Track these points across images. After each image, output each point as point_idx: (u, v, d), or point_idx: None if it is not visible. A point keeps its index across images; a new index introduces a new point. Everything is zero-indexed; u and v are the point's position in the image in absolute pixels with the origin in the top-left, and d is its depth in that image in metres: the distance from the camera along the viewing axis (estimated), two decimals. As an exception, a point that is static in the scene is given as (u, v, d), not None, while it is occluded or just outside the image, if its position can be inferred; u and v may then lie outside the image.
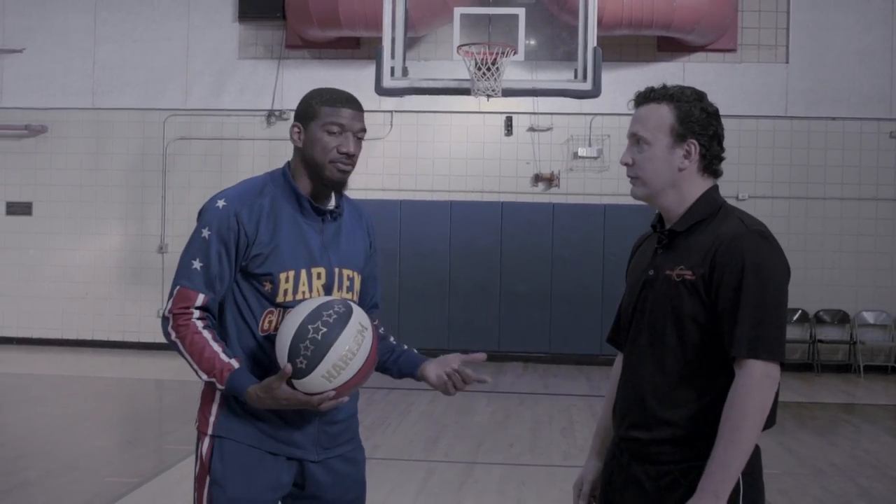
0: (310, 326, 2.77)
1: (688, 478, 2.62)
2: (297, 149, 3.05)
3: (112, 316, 14.71)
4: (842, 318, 13.95)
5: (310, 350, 2.75)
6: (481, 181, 14.40)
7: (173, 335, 2.91)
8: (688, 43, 13.83)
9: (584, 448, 8.46)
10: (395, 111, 14.25)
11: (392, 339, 3.44)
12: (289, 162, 3.11)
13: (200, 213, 3.02)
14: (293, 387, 2.80)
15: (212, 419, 3.00)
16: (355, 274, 3.17)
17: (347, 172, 3.01)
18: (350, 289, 3.13)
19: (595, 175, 14.22)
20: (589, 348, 13.68)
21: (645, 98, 2.80)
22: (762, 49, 14.19)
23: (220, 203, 2.98)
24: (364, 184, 14.28)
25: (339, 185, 3.05)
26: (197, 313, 2.91)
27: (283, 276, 2.95)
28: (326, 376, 2.77)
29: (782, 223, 13.64)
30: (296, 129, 3.04)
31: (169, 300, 2.95)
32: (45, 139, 14.92)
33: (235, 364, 2.88)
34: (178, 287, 2.95)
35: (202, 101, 14.67)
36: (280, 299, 2.96)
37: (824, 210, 14.07)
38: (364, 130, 3.05)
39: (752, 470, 2.65)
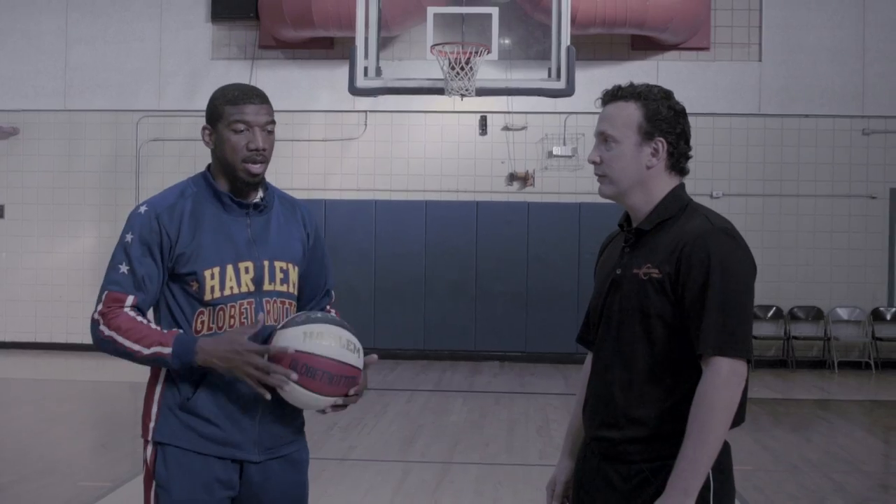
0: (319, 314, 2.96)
1: (658, 476, 2.61)
2: (211, 150, 3.08)
3: (86, 319, 14.42)
4: (816, 315, 14.03)
5: (310, 316, 2.90)
6: (456, 181, 14.39)
7: (106, 331, 2.90)
8: (661, 41, 13.88)
9: (560, 447, 8.43)
10: (370, 111, 14.23)
11: None
12: (207, 168, 3.13)
13: (126, 221, 3.05)
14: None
15: (151, 425, 2.98)
16: (290, 265, 3.13)
17: (260, 171, 3.03)
18: (284, 280, 3.10)
19: (570, 174, 14.24)
20: (565, 347, 13.67)
21: (612, 96, 2.80)
22: (735, 47, 14.25)
23: (143, 209, 3.01)
24: (339, 184, 14.27)
25: (255, 183, 3.05)
26: (129, 310, 2.91)
27: (207, 273, 2.94)
28: (307, 332, 2.80)
29: (756, 221, 13.71)
30: (206, 132, 3.08)
31: (98, 304, 2.95)
32: (16, 141, 14.81)
33: (178, 330, 2.88)
34: (105, 292, 2.94)
35: (175, 103, 14.60)
36: (208, 297, 2.93)
37: (798, 207, 14.14)
38: (272, 122, 3.08)
39: (722, 467, 2.65)
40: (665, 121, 2.73)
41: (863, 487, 7.38)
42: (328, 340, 2.85)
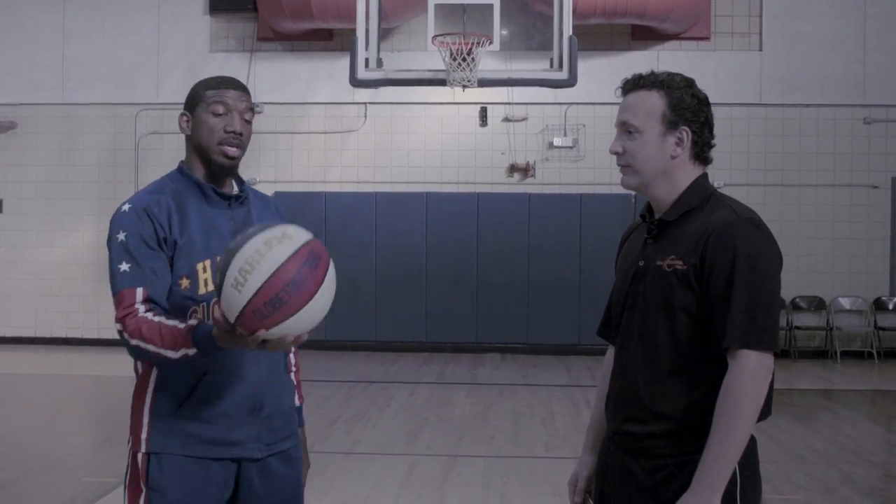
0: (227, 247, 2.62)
1: (683, 471, 2.57)
2: (187, 138, 3.02)
3: (86, 313, 14.57)
4: (818, 305, 14.01)
5: (221, 263, 2.57)
6: (457, 172, 14.35)
7: (132, 341, 2.76)
8: (662, 31, 13.83)
9: (565, 438, 8.44)
10: (370, 103, 14.18)
11: (293, 376, 3.27)
12: (182, 160, 3.07)
13: (110, 225, 2.93)
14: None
15: (143, 435, 2.88)
16: None
17: (237, 154, 2.96)
18: None
19: (571, 165, 14.19)
20: (567, 338, 13.67)
21: (634, 85, 2.74)
22: (735, 37, 14.21)
23: (126, 207, 2.91)
24: (339, 176, 14.22)
25: (231, 167, 2.99)
26: (142, 308, 2.79)
27: (199, 266, 2.88)
28: (234, 284, 2.48)
29: (758, 211, 13.24)
30: (184, 118, 3.02)
31: (115, 310, 2.84)
32: (14, 135, 14.74)
33: (193, 321, 2.76)
34: (115, 294, 2.84)
35: (174, 95, 14.48)
36: (202, 291, 2.87)
37: (799, 197, 14.11)
38: (251, 111, 3.05)
39: (749, 462, 2.62)
40: (689, 109, 2.69)
41: (871, 477, 7.35)
42: (254, 274, 2.48)
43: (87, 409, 10.50)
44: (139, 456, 2.88)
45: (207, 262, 2.89)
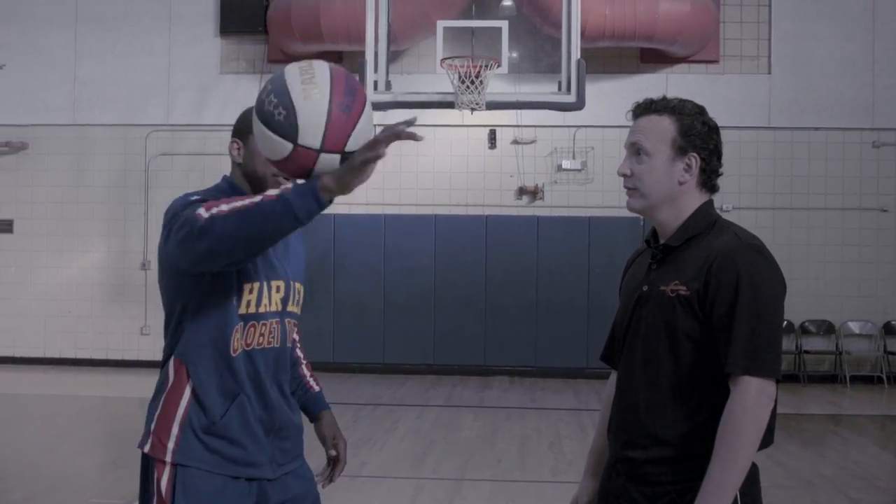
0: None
1: (684, 498, 2.56)
2: (236, 164, 2.99)
3: (94, 334, 14.59)
4: (827, 329, 13.96)
5: (268, 100, 2.47)
6: (465, 195, 14.36)
7: (205, 213, 2.52)
8: (670, 54, 13.85)
9: (572, 462, 8.41)
10: (379, 125, 14.13)
11: (304, 368, 3.38)
12: (227, 178, 3.02)
13: (173, 206, 2.77)
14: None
15: (171, 444, 2.82)
16: (301, 287, 3.09)
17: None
18: (298, 303, 3.06)
19: (579, 187, 14.20)
20: (576, 361, 13.64)
21: (646, 109, 2.75)
22: (744, 60, 14.22)
23: (194, 196, 2.81)
24: (348, 198, 14.11)
25: None
26: None
27: (247, 287, 2.84)
28: (305, 95, 2.44)
29: (767, 234, 13.63)
30: (235, 146, 2.98)
31: (185, 222, 2.59)
32: (25, 156, 14.81)
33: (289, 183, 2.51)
34: (183, 220, 2.60)
35: (184, 117, 14.60)
36: (242, 311, 2.84)
37: (808, 220, 14.09)
38: None
39: (750, 489, 2.60)
40: (699, 136, 2.70)
41: (879, 504, 7.32)
42: (306, 72, 2.46)
43: (94, 431, 10.50)
44: (162, 465, 2.82)
45: (255, 285, 2.86)
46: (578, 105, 10.40)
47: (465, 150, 14.38)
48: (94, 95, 14.70)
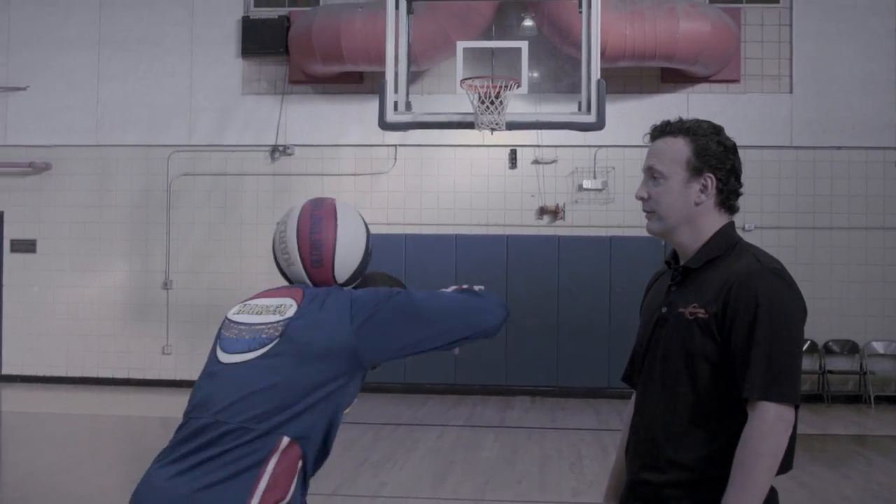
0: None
1: (701, 523, 2.55)
2: None
3: (117, 353, 14.64)
4: (851, 349, 13.85)
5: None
6: (486, 214, 14.36)
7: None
8: (691, 74, 13.83)
9: (593, 483, 8.36)
10: (399, 145, 14.24)
11: None
12: None
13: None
14: None
15: None
16: None
17: None
18: None
19: (600, 207, 14.17)
20: (597, 381, 13.57)
21: (661, 131, 2.75)
22: (766, 79, 14.18)
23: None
24: (369, 218, 14.02)
25: None
26: None
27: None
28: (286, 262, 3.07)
29: (789, 253, 13.57)
30: None
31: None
32: (49, 176, 14.91)
33: None
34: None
35: (206, 137, 14.67)
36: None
37: (831, 240, 14.00)
38: None
39: (770, 515, 2.58)
40: (714, 156, 2.69)
41: (904, 526, 7.23)
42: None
43: (116, 450, 10.52)
44: None
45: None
46: (599, 125, 10.38)
47: (486, 169, 14.38)
48: (116, 116, 14.80)
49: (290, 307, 2.87)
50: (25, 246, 14.94)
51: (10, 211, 14.97)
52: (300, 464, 2.73)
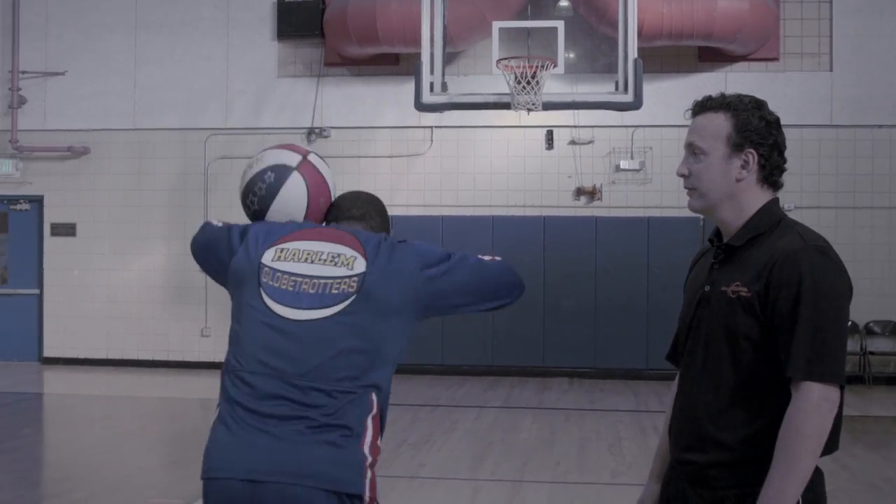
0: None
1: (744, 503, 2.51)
2: None
3: (156, 335, 14.76)
4: (893, 329, 13.70)
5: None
6: (523, 195, 14.31)
7: None
8: (729, 52, 13.68)
9: (632, 465, 8.34)
10: (436, 127, 14.21)
11: None
12: None
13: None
14: None
15: (368, 481, 2.75)
16: None
17: None
18: None
19: (638, 188, 14.08)
20: (635, 362, 13.52)
21: (702, 107, 2.71)
22: (805, 58, 14.01)
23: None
24: (405, 200, 14.24)
25: None
26: None
27: None
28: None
29: (830, 233, 13.28)
30: None
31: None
32: (87, 160, 15.02)
33: None
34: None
35: (242, 120, 14.72)
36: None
37: (872, 219, 13.84)
38: None
39: (814, 496, 2.54)
40: (756, 131, 2.63)
41: (948, 508, 7.16)
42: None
43: (156, 431, 10.61)
44: None
45: None
46: (636, 105, 10.32)
47: (522, 150, 14.32)
48: (153, 100, 14.87)
49: (354, 259, 2.85)
50: (66, 230, 15.08)
51: (50, 195, 15.10)
52: (379, 419, 2.82)
